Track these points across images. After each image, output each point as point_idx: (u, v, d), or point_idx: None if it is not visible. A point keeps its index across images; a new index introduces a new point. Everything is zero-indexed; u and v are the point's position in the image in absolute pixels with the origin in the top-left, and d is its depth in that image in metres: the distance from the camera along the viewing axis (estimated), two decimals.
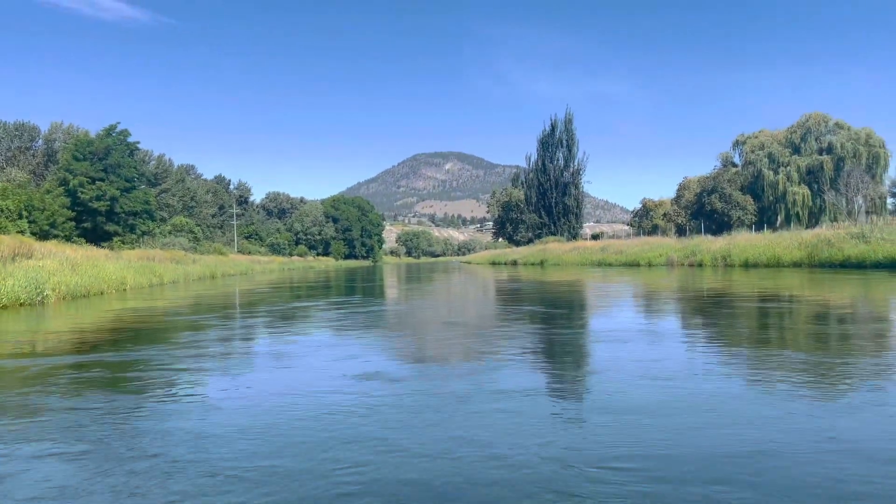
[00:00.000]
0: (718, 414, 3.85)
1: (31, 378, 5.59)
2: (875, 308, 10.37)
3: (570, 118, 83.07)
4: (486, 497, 2.64)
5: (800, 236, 25.42)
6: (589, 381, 5.04)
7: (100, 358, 6.69)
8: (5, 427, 3.93)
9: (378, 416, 3.94)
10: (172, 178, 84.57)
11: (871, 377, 4.86)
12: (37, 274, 14.28)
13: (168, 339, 8.50)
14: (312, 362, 6.23)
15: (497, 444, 3.31)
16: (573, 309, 12.15)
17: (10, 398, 4.84)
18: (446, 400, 4.35)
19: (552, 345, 7.16)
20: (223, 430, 3.72)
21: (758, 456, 3.07)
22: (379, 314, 11.89)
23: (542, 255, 51.61)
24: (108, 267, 20.25)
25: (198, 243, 63.17)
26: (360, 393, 4.62)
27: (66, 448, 3.47)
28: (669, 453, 3.14)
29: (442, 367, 5.90)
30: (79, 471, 3.11)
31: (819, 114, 67.71)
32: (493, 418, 3.86)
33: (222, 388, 5.00)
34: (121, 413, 4.24)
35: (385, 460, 3.11)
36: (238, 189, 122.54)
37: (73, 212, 48.48)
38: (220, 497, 2.73)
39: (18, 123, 73.70)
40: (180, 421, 3.99)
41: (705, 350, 6.52)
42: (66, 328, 9.91)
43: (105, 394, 4.85)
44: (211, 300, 16.66)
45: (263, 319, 11.39)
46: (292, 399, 4.49)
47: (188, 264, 39.50)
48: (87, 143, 51.88)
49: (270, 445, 3.41)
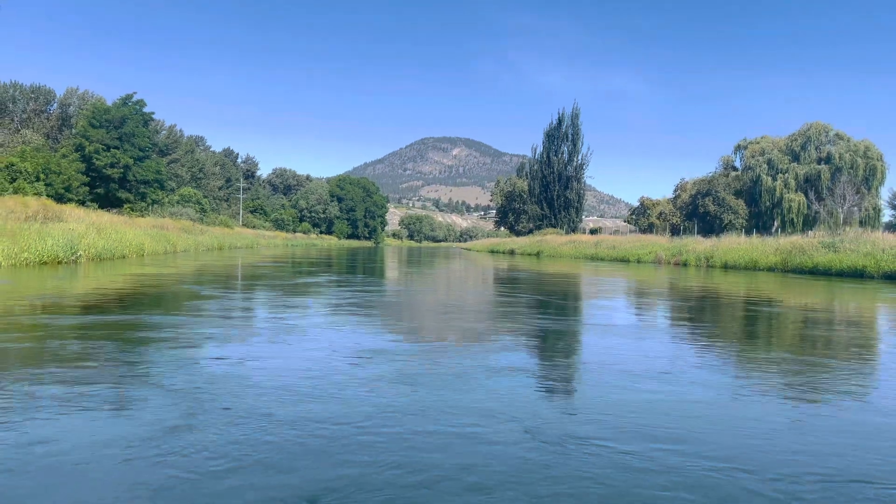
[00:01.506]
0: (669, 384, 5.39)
1: (90, 329, 7.14)
2: (807, 308, 11.89)
3: (577, 113, 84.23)
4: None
5: (777, 242, 26.90)
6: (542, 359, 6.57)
7: (137, 319, 8.23)
8: (76, 380, 4.52)
9: (373, 377, 5.07)
10: (182, 148, 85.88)
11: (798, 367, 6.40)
12: (71, 236, 15.82)
13: (196, 305, 10.05)
14: (321, 337, 6.63)
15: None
16: (547, 294, 13.69)
17: (71, 347, 6.37)
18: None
19: (510, 322, 8.70)
20: (258, 388, 4.35)
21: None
22: (379, 294, 13.34)
23: (538, 246, 53.13)
24: (128, 233, 21.80)
25: (204, 214, 64.74)
26: (362, 368, 5.05)
27: (134, 392, 4.45)
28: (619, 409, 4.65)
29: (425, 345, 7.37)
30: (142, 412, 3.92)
31: (820, 123, 68.84)
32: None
33: (252, 356, 5.49)
34: (183, 364, 5.70)
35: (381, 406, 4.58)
36: (246, 163, 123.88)
37: (88, 177, 50.00)
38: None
39: (35, 86, 74.95)
40: (222, 376, 4.80)
41: (649, 335, 8.06)
42: (106, 286, 11.48)
43: (149, 348, 6.33)
44: (224, 270, 18.21)
45: (275, 292, 12.94)
46: (308, 369, 5.00)
47: (197, 234, 41.05)
48: (103, 110, 53.29)
49: (296, 394, 4.18)
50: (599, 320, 9.02)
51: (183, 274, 15.23)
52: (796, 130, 70.22)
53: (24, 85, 74.17)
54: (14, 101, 73.02)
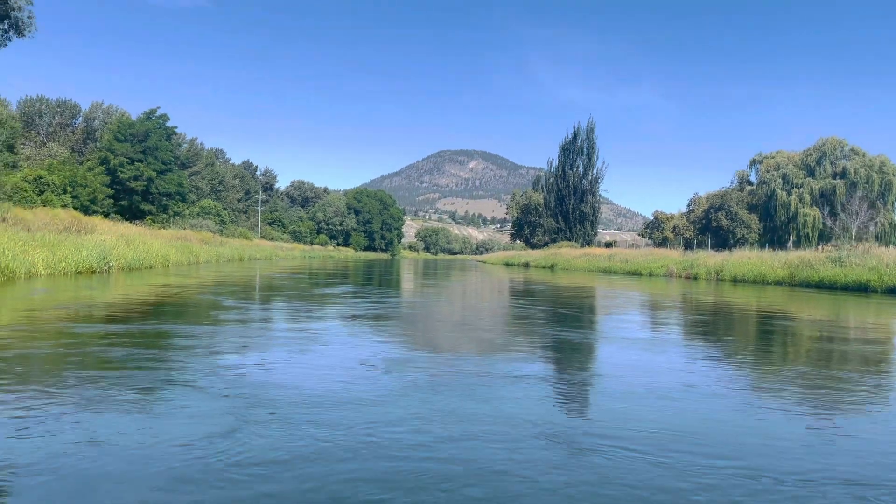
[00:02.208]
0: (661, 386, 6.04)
1: (134, 338, 7.90)
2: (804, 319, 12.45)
3: (592, 127, 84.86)
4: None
5: (785, 257, 27.36)
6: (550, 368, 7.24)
7: (174, 329, 9.00)
8: (121, 380, 5.44)
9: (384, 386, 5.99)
10: (202, 161, 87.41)
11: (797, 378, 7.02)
12: (103, 247, 16.71)
13: (225, 315, 10.83)
14: (344, 346, 6.99)
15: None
16: (560, 306, 14.34)
17: (108, 354, 7.12)
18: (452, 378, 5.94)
19: (524, 335, 9.38)
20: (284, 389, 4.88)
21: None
22: (396, 306, 13.99)
23: (553, 259, 53.69)
24: (154, 244, 22.71)
25: (224, 226, 65.95)
26: (379, 375, 5.36)
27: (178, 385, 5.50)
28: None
29: (439, 355, 8.03)
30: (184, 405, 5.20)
31: (835, 138, 69.01)
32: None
33: (281, 360, 5.97)
34: (218, 369, 6.44)
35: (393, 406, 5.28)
36: (264, 175, 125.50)
37: (112, 189, 51.31)
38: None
39: (61, 101, 76.81)
40: (256, 378, 5.71)
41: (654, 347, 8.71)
42: (140, 296, 12.29)
43: (183, 353, 7.10)
44: (247, 281, 19.03)
45: (296, 302, 13.70)
46: (332, 374, 5.43)
47: (217, 246, 42.06)
48: (128, 125, 54.69)
49: (324, 394, 4.71)
50: (613, 332, 9.49)
51: (209, 284, 16.04)
52: (811, 145, 70.41)
53: (51, 99, 76.03)
54: (40, 115, 74.87)
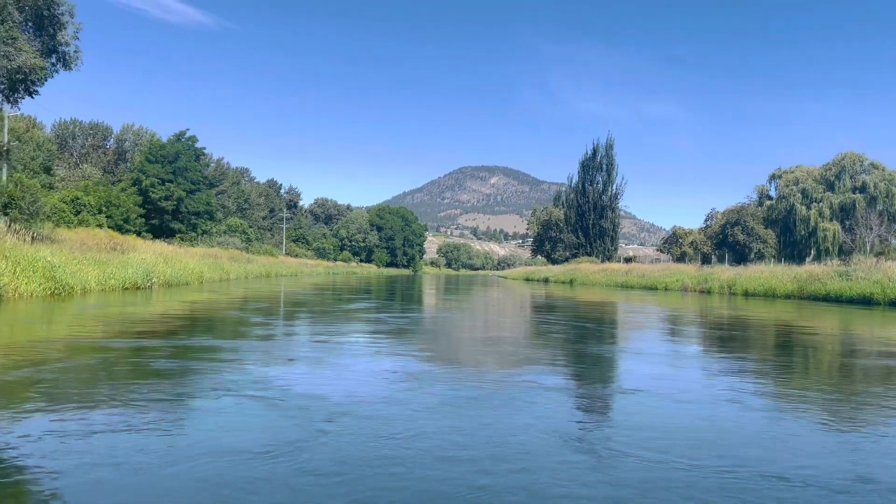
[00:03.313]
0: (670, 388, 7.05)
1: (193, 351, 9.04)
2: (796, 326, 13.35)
3: (611, 144, 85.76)
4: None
5: (794, 271, 28.08)
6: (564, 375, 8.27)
7: (213, 341, 10.15)
8: (192, 384, 6.88)
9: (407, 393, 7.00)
10: (229, 180, 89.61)
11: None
12: (146, 265, 18.03)
13: (264, 331, 11.98)
14: (373, 359, 7.52)
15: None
16: (576, 319, 15.35)
17: (169, 365, 8.27)
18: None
19: (539, 346, 10.40)
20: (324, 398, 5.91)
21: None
22: (422, 321, 14.32)
23: (572, 275, 54.54)
24: (189, 262, 24.07)
25: (250, 244, 67.68)
26: (405, 387, 5.80)
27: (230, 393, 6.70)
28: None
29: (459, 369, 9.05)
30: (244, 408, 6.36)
31: (854, 153, 69.23)
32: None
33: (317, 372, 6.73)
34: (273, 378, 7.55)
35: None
36: (288, 193, 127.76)
37: (144, 209, 53.09)
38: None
39: (93, 123, 79.47)
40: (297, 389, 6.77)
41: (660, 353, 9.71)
42: (185, 311, 13.52)
43: (237, 364, 8.22)
44: (278, 297, 20.25)
45: (326, 317, 14.85)
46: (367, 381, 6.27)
47: (245, 263, 43.53)
48: (159, 146, 56.65)
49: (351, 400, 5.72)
50: (630, 346, 10.13)
51: (245, 300, 17.27)
52: (831, 160, 70.64)
53: (84, 122, 78.77)
54: (74, 137, 77.57)
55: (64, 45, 21.36)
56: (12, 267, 11.97)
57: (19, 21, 19.79)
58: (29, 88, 21.58)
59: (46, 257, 13.67)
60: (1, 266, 11.61)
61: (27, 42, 19.55)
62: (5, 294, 11.52)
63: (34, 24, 20.75)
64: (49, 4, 20.33)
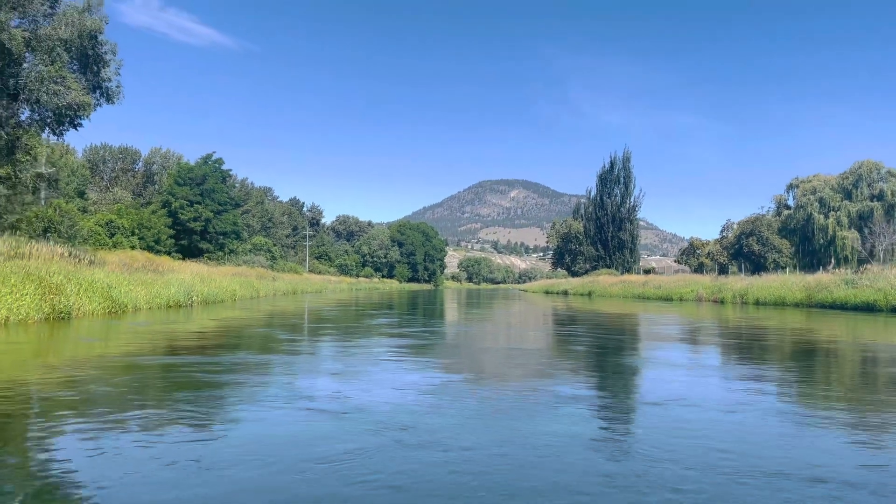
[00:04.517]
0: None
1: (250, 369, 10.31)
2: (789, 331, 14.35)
3: (628, 157, 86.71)
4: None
5: (804, 280, 28.91)
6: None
7: (262, 357, 11.42)
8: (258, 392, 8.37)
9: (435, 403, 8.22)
10: (253, 199, 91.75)
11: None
12: (186, 285, 19.45)
13: (298, 347, 13.25)
14: (404, 372, 8.11)
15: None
16: (593, 328, 16.47)
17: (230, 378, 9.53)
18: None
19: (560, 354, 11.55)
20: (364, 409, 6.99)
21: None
22: (442, 335, 14.85)
23: (590, 287, 55.47)
24: (223, 281, 25.50)
25: (275, 261, 69.42)
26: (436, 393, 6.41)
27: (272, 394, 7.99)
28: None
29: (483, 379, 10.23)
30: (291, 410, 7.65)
31: (871, 161, 69.57)
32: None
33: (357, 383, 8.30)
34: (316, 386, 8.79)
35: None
36: (311, 211, 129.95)
37: (174, 230, 55.00)
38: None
39: (122, 148, 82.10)
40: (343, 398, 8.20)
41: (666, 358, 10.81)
42: (226, 327, 14.85)
43: (281, 376, 9.48)
44: (308, 313, 21.58)
45: (357, 333, 16.10)
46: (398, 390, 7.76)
47: (271, 281, 45.01)
48: (187, 170, 58.67)
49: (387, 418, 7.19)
50: (649, 355, 10.62)
51: (280, 316, 18.60)
52: (847, 168, 70.99)
53: (113, 146, 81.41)
54: (104, 162, 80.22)
55: (107, 80, 22.97)
56: (76, 288, 13.39)
57: (67, 61, 21.43)
58: (73, 122, 23.19)
59: (103, 279, 15.10)
60: (68, 288, 13.02)
61: (75, 80, 21.14)
62: (73, 313, 12.93)
63: (79, 62, 22.37)
64: (94, 45, 21.96)
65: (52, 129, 23.39)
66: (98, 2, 21.93)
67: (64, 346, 9.70)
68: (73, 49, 21.58)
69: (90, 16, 21.79)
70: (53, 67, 20.50)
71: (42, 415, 5.20)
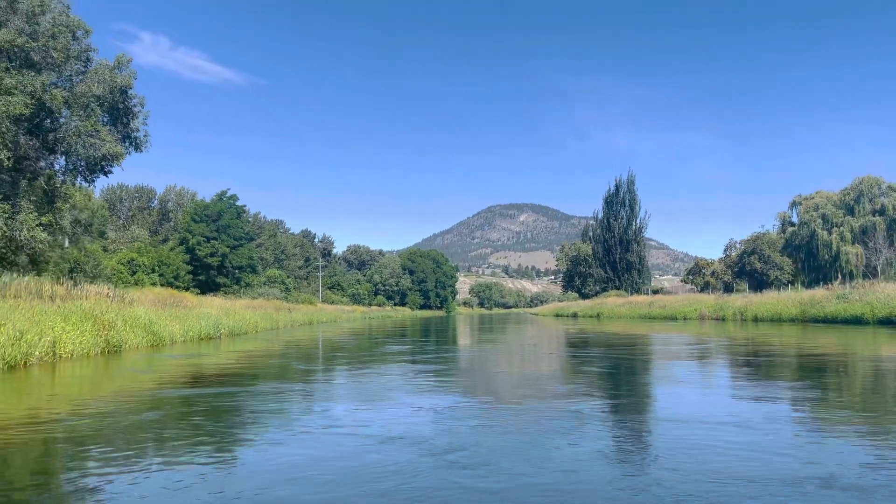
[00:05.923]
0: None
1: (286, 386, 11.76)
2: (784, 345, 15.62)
3: (633, 179, 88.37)
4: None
5: (799, 296, 30.16)
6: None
7: (278, 387, 12.83)
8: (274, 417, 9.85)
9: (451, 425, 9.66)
10: (266, 233, 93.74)
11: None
12: (214, 319, 20.97)
13: (323, 375, 14.66)
14: (414, 398, 8.68)
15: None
16: (602, 348, 17.80)
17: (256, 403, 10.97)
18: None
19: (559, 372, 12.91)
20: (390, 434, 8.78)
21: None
22: (456, 361, 15.22)
23: (598, 309, 56.75)
24: (246, 314, 27.02)
25: (289, 293, 71.03)
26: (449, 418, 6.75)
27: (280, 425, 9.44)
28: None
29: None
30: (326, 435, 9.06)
31: (871, 177, 70.77)
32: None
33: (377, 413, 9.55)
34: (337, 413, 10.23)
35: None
36: (322, 242, 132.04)
37: (191, 266, 56.75)
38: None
39: (138, 187, 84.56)
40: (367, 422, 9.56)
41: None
42: (256, 358, 16.30)
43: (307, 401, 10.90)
44: (326, 343, 23.02)
45: (374, 361, 17.50)
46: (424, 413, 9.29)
47: (287, 312, 46.49)
48: (203, 207, 60.61)
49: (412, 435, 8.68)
50: (654, 371, 11.53)
51: (303, 346, 20.04)
52: (848, 185, 72.21)
53: (130, 186, 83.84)
54: (121, 201, 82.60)
55: (135, 131, 24.75)
56: (124, 324, 14.90)
57: (100, 115, 23.23)
58: (104, 170, 24.95)
59: (143, 315, 16.64)
60: (118, 324, 14.54)
61: (108, 133, 22.91)
62: (123, 346, 14.43)
63: (110, 115, 24.18)
64: (124, 98, 23.78)
65: (84, 177, 25.16)
66: (127, 60, 23.77)
67: (121, 377, 11.14)
68: (106, 104, 23.39)
69: (120, 73, 23.64)
70: (89, 122, 22.27)
71: (127, 433, 6.65)
